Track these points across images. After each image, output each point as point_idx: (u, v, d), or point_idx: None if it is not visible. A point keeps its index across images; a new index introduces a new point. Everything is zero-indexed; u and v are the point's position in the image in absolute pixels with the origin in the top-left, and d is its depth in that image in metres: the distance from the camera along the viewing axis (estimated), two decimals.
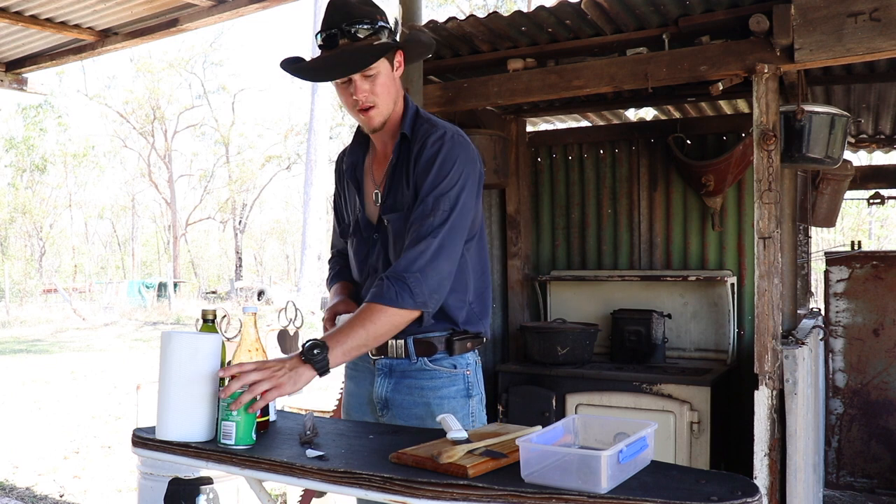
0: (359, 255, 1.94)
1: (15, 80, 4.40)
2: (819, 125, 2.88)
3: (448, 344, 1.87)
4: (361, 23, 1.74)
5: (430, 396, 1.86)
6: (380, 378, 1.90)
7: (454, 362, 1.88)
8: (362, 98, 1.77)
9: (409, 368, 1.87)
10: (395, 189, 1.84)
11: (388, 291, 1.68)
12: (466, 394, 1.91)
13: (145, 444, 1.65)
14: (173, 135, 30.43)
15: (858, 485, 4.20)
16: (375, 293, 1.69)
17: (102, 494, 4.70)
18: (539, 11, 2.81)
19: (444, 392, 1.87)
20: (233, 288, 22.73)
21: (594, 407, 3.32)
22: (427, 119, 1.87)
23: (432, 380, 1.87)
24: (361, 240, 1.93)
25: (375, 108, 1.80)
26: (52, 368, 10.65)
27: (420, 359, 1.86)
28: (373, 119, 1.81)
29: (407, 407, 1.87)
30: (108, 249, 34.61)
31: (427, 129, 1.83)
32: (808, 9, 2.44)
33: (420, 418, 1.85)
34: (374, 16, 1.77)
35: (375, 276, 1.86)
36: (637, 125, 4.32)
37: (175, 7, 3.56)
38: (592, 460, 1.22)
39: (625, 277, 3.80)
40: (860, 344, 4.21)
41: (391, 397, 1.88)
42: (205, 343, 1.63)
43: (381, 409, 1.90)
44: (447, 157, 1.77)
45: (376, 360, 1.90)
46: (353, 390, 2.00)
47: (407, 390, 1.87)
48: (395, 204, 1.83)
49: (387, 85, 1.79)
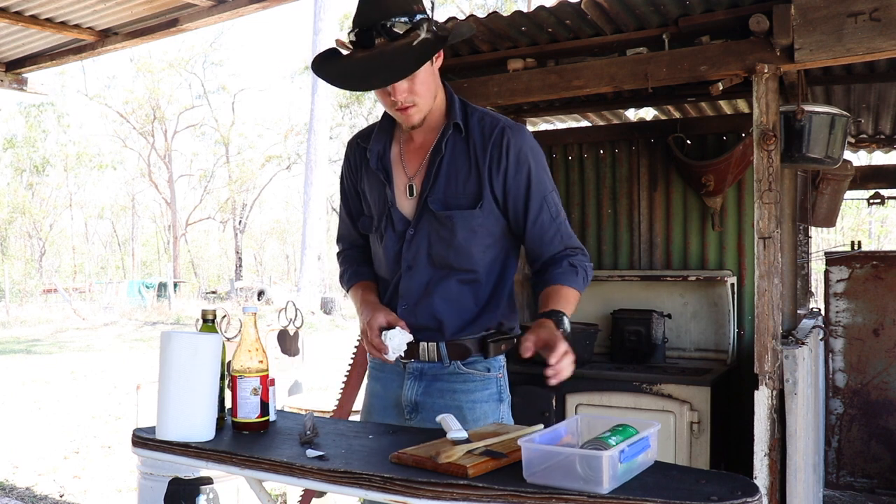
0: (389, 250, 1.83)
1: (15, 80, 4.40)
2: (819, 125, 2.88)
3: (482, 346, 1.82)
4: (399, 17, 1.62)
5: (462, 400, 1.81)
6: (409, 381, 1.84)
7: (488, 365, 1.84)
8: (402, 99, 1.68)
9: (442, 372, 1.82)
10: (447, 183, 1.75)
11: (580, 277, 1.80)
12: (499, 398, 1.87)
13: (145, 444, 1.66)
14: (173, 135, 30.44)
15: (858, 485, 4.20)
16: (570, 278, 1.77)
17: (102, 494, 4.70)
18: (539, 11, 2.81)
19: (477, 396, 1.82)
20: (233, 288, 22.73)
21: (594, 407, 3.32)
22: (480, 110, 1.80)
23: (465, 383, 1.82)
24: (394, 235, 1.82)
25: (415, 107, 1.71)
26: (52, 368, 10.64)
27: (453, 362, 1.81)
28: (412, 117, 1.73)
29: (438, 410, 1.77)
30: (108, 249, 34.62)
31: (493, 122, 1.76)
32: (808, 9, 2.44)
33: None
34: (411, 6, 1.64)
35: (410, 273, 1.80)
36: (637, 125, 4.32)
37: (175, 7, 3.55)
38: (594, 460, 1.22)
39: (625, 277, 3.80)
40: (860, 344, 4.21)
41: (421, 400, 1.83)
42: (205, 343, 1.63)
43: (410, 413, 1.84)
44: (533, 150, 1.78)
45: (406, 363, 1.83)
46: (379, 392, 1.93)
47: (438, 394, 1.81)
48: (457, 200, 1.74)
49: (427, 82, 1.69)
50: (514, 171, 1.74)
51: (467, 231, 1.75)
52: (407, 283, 1.80)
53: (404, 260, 1.80)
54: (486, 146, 1.74)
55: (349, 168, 1.94)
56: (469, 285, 1.80)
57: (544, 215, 1.78)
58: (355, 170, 1.92)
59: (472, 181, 1.75)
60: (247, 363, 1.68)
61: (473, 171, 1.75)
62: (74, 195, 31.44)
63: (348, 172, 1.95)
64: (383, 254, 1.85)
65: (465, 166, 1.75)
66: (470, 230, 1.75)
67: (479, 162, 1.74)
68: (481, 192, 1.74)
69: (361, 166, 1.89)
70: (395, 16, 1.62)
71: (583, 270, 1.80)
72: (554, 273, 1.76)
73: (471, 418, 1.79)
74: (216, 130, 30.63)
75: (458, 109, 1.78)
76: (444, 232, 1.76)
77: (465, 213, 1.74)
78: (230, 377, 1.70)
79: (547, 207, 1.78)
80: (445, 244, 1.77)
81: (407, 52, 1.62)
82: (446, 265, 1.79)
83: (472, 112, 1.79)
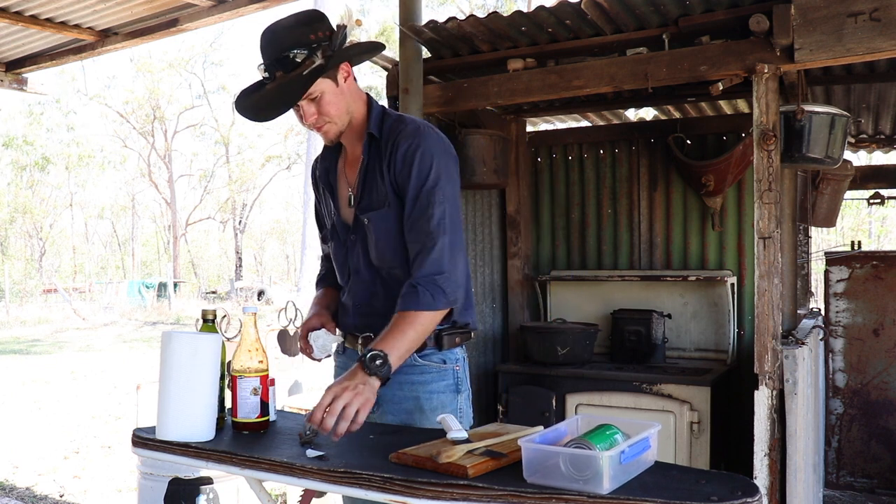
0: (338, 257, 1.98)
1: (15, 80, 4.40)
2: (819, 125, 2.88)
3: (437, 339, 1.88)
4: (291, 50, 1.73)
5: (419, 391, 1.88)
6: None
7: (443, 357, 1.91)
8: (310, 122, 1.81)
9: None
10: (369, 188, 1.86)
11: (423, 297, 1.72)
12: (455, 389, 1.93)
13: (145, 444, 1.66)
14: (173, 135, 30.43)
15: (858, 485, 4.20)
16: (412, 300, 1.72)
17: (102, 494, 4.70)
18: (539, 11, 2.81)
19: (434, 387, 1.89)
20: (233, 288, 22.74)
21: (594, 407, 3.32)
22: (394, 116, 1.89)
23: (422, 374, 1.89)
24: (339, 243, 1.96)
25: (328, 125, 1.82)
26: (52, 368, 10.64)
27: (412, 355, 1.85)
28: (328, 134, 1.85)
29: (396, 402, 1.88)
30: (108, 249, 34.61)
31: (396, 126, 1.84)
32: (808, 9, 2.44)
33: (409, 412, 1.88)
34: (305, 37, 1.74)
35: (357, 277, 1.92)
36: (637, 125, 4.32)
37: (175, 7, 3.55)
38: (594, 460, 1.22)
39: (625, 277, 3.80)
40: (860, 344, 4.21)
41: (381, 392, 1.82)
42: (205, 343, 1.63)
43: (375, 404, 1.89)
44: (425, 151, 1.79)
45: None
46: None
47: (397, 385, 1.86)
48: (372, 202, 1.85)
49: (334, 102, 1.79)
50: (399, 170, 1.80)
51: (384, 231, 1.84)
52: (354, 287, 1.94)
53: (350, 265, 1.94)
54: (387, 148, 1.83)
55: (314, 186, 2.08)
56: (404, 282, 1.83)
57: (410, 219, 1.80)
58: (316, 188, 2.06)
59: (384, 184, 1.83)
60: (247, 363, 1.68)
61: (387, 175, 1.83)
62: (75, 195, 31.44)
63: (315, 190, 2.09)
64: (335, 261, 2.01)
65: (378, 171, 1.85)
66: (386, 230, 1.84)
67: (382, 164, 1.84)
68: (387, 192, 1.83)
69: (319, 183, 2.04)
70: (290, 48, 1.73)
71: (428, 294, 1.74)
72: (401, 295, 1.76)
73: (427, 408, 1.88)
74: (216, 130, 30.63)
75: (376, 118, 1.87)
76: (370, 235, 1.87)
77: (376, 213, 1.84)
78: (230, 377, 1.70)
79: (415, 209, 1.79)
80: (374, 246, 1.87)
81: (296, 81, 1.73)
82: (381, 266, 1.88)
83: (389, 120, 1.87)
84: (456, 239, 1.79)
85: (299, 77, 1.73)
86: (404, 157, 1.79)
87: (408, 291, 1.74)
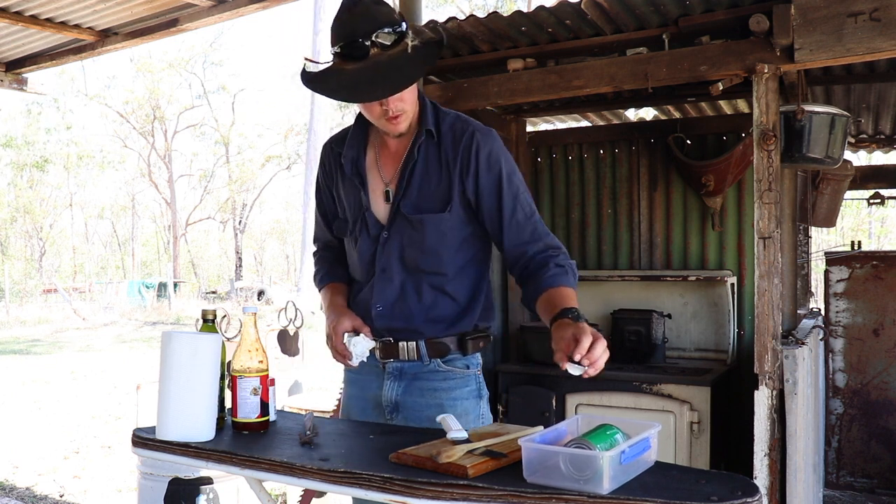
0: (364, 254, 1.86)
1: (15, 80, 4.40)
2: (819, 125, 2.88)
3: (461, 343, 1.85)
4: (387, 27, 1.66)
5: (443, 398, 1.83)
6: (389, 381, 1.85)
7: (467, 362, 1.87)
8: (394, 108, 1.71)
9: (422, 370, 1.84)
10: (419, 187, 1.78)
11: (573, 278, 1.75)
12: (478, 394, 1.90)
13: (145, 444, 1.66)
14: (173, 135, 30.42)
15: (858, 485, 4.20)
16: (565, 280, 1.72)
17: (102, 494, 4.70)
18: (539, 11, 2.81)
19: (458, 393, 1.85)
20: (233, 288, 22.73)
21: (594, 407, 3.32)
22: (452, 114, 1.83)
23: (445, 381, 1.84)
24: (367, 238, 1.85)
25: (404, 115, 1.74)
26: (52, 368, 10.64)
27: (433, 360, 1.83)
28: (400, 125, 1.75)
29: (418, 409, 1.82)
30: (108, 249, 34.61)
31: (463, 126, 1.79)
32: (808, 9, 2.44)
33: (431, 420, 1.79)
34: (394, 17, 1.69)
35: (384, 276, 1.82)
36: (637, 125, 4.32)
37: (175, 7, 3.56)
38: (595, 460, 1.22)
39: (625, 277, 3.80)
40: (860, 344, 4.21)
41: (402, 400, 1.84)
42: (205, 343, 1.63)
43: (391, 413, 1.86)
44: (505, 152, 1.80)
45: (385, 363, 1.85)
46: (356, 394, 1.95)
47: (419, 392, 1.83)
48: (425, 204, 1.78)
49: (413, 90, 1.74)
50: (484, 174, 1.77)
51: (437, 234, 1.79)
52: (381, 286, 1.83)
53: (378, 263, 1.83)
54: (456, 151, 1.77)
55: (324, 172, 1.96)
56: (441, 287, 1.83)
57: (519, 215, 1.79)
58: (330, 173, 1.94)
59: (442, 185, 1.78)
60: (247, 363, 1.68)
61: (444, 175, 1.78)
62: (74, 195, 31.44)
63: (323, 176, 1.97)
64: (358, 257, 1.88)
65: (436, 171, 1.79)
66: (440, 233, 1.79)
67: (449, 166, 1.78)
68: (451, 196, 1.78)
69: (336, 170, 1.92)
70: (383, 26, 1.66)
71: (571, 270, 1.78)
72: (545, 277, 1.74)
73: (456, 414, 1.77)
74: (216, 130, 30.62)
75: (431, 115, 1.81)
76: (416, 235, 1.79)
77: (435, 216, 1.78)
78: (230, 377, 1.70)
79: (521, 207, 1.80)
80: (417, 248, 1.80)
81: (405, 60, 1.66)
82: (418, 268, 1.82)
83: (444, 117, 1.82)
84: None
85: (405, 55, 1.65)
86: (487, 153, 1.76)
87: (558, 272, 1.72)
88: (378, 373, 1.88)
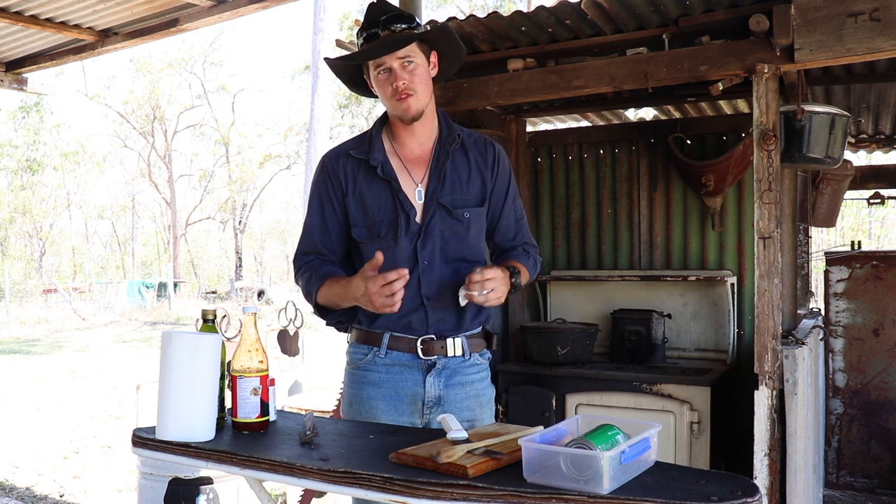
0: (403, 251, 1.90)
1: (15, 80, 4.40)
2: (819, 125, 2.88)
3: (488, 338, 2.05)
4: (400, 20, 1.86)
5: (478, 388, 2.00)
6: (432, 377, 1.93)
7: (489, 355, 2.06)
8: (401, 84, 1.85)
9: (461, 365, 1.97)
10: (453, 185, 1.95)
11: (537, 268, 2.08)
12: (492, 382, 2.09)
13: (145, 444, 1.66)
14: (173, 135, 30.43)
15: (858, 485, 4.20)
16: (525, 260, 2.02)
17: (102, 494, 4.70)
18: (539, 11, 2.81)
19: (486, 383, 2.04)
20: (233, 288, 22.74)
21: (594, 407, 3.32)
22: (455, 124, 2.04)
23: (478, 373, 2.01)
24: (407, 235, 1.90)
25: (414, 97, 1.87)
26: (52, 368, 10.65)
27: (472, 354, 1.99)
28: (411, 107, 1.88)
29: (460, 401, 1.95)
30: (108, 249, 34.61)
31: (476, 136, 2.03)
32: (808, 9, 2.44)
33: (471, 409, 1.96)
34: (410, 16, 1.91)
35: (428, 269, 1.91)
36: (637, 125, 4.32)
37: (175, 7, 3.56)
38: (595, 461, 1.22)
39: (625, 277, 3.80)
40: (860, 344, 4.21)
41: (444, 394, 1.95)
42: (205, 343, 1.63)
43: (431, 408, 1.93)
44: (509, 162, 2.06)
45: (428, 359, 1.93)
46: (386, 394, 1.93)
47: (460, 386, 1.96)
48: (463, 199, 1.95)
49: (423, 79, 1.89)
50: (501, 179, 2.02)
51: (478, 226, 1.98)
52: (427, 279, 1.92)
53: (421, 258, 1.92)
54: (485, 157, 2.00)
55: (332, 182, 1.97)
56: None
57: (513, 216, 2.06)
58: (342, 183, 1.96)
59: (475, 184, 1.98)
60: (247, 363, 1.68)
61: (476, 176, 1.98)
62: (74, 195, 31.43)
63: (331, 186, 1.97)
64: (396, 255, 1.89)
65: (466, 171, 1.97)
66: (479, 225, 1.99)
67: (481, 169, 1.99)
68: (484, 194, 1.99)
69: (352, 178, 1.95)
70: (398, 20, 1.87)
71: (535, 259, 2.07)
72: (512, 255, 2.04)
73: (486, 402, 2.03)
74: (216, 130, 30.63)
75: (451, 123, 2.03)
76: (459, 228, 1.94)
77: (476, 210, 1.97)
78: (230, 377, 1.70)
79: (516, 210, 2.07)
80: (459, 239, 1.95)
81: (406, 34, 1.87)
82: (459, 259, 1.95)
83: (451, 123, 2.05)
84: None
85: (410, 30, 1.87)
86: (505, 162, 2.03)
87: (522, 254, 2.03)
88: (415, 369, 1.93)
